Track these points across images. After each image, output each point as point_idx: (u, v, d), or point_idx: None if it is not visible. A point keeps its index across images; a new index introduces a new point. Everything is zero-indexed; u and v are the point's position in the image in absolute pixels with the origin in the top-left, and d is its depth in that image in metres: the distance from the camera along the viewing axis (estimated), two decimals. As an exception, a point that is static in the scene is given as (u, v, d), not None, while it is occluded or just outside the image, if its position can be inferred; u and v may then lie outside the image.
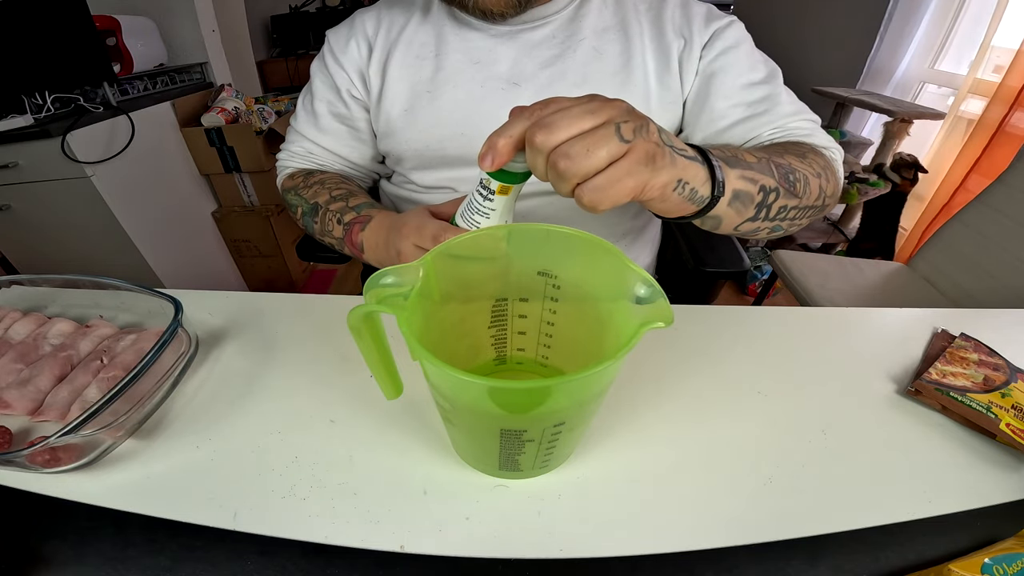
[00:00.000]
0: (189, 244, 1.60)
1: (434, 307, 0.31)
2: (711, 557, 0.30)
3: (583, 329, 0.34)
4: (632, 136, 0.28)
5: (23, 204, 1.25)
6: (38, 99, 1.16)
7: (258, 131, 1.54)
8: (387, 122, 0.57)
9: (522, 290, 0.35)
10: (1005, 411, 0.38)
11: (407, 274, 0.28)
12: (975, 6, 1.77)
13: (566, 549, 0.31)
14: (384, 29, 0.58)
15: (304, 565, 0.30)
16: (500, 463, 0.32)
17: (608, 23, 0.54)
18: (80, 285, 0.48)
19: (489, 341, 0.38)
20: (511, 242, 0.33)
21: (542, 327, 0.37)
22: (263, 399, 0.41)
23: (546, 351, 0.38)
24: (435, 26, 0.56)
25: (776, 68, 0.54)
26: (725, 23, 0.54)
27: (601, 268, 0.30)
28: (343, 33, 0.59)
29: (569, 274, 0.33)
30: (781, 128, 0.51)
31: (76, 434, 0.32)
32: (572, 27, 0.54)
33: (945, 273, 1.08)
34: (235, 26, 1.92)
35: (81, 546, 0.31)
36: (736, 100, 0.52)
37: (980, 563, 0.29)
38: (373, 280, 0.27)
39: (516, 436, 0.28)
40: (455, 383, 0.25)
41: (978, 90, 1.67)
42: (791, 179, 0.42)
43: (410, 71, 0.55)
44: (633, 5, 0.55)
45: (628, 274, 0.28)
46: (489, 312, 0.36)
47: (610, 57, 0.53)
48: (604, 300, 0.31)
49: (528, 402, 0.26)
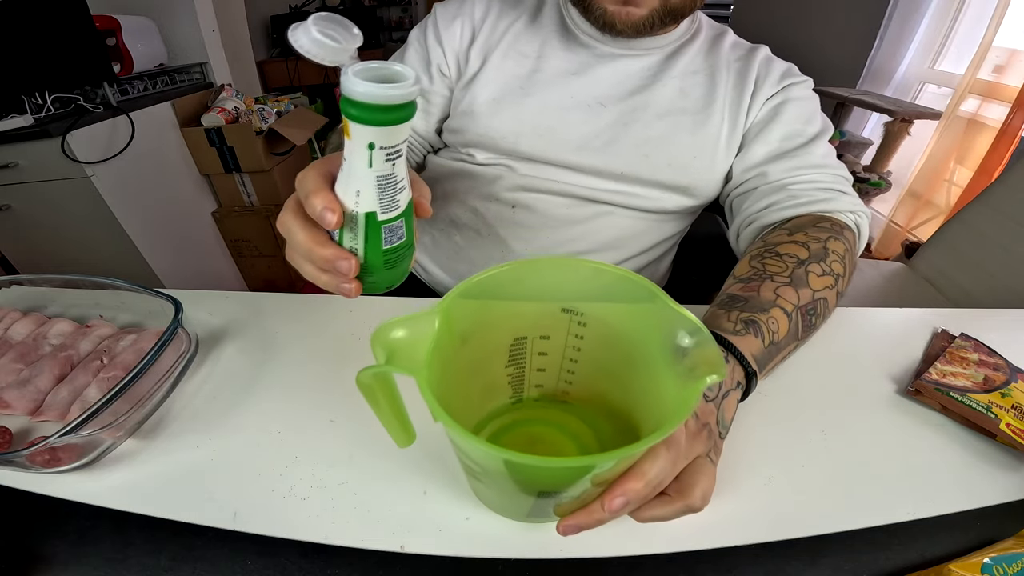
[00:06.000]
0: (189, 244, 1.60)
1: (450, 356, 0.28)
2: (711, 557, 0.30)
3: (610, 362, 0.32)
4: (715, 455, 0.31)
5: (23, 204, 1.25)
6: (38, 99, 1.16)
7: (258, 131, 1.54)
8: (471, 103, 0.58)
9: (543, 328, 0.32)
10: (1005, 411, 0.38)
11: (421, 325, 0.25)
12: (975, 6, 1.77)
13: (566, 549, 0.31)
14: (493, 18, 0.59)
15: (304, 565, 0.30)
16: (530, 514, 0.31)
17: (699, 67, 0.56)
18: (80, 285, 0.48)
19: (506, 380, 0.35)
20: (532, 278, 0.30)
21: (564, 363, 0.34)
22: (263, 399, 0.41)
23: (567, 386, 0.36)
24: (543, 31, 0.58)
25: (828, 130, 0.55)
26: (796, 80, 0.55)
27: (636, 308, 0.28)
28: (452, 11, 0.60)
29: (598, 311, 0.30)
30: (806, 182, 0.51)
31: (76, 434, 0.32)
32: (667, 64, 0.56)
33: (945, 273, 1.08)
34: (235, 26, 1.92)
35: (81, 546, 0.31)
36: (775, 147, 0.54)
37: (980, 563, 0.29)
38: (383, 332, 0.24)
39: (554, 495, 0.27)
40: (492, 458, 0.22)
41: (976, 89, 1.67)
42: (812, 320, 0.41)
43: (510, 63, 0.57)
44: (726, 56, 0.57)
45: (670, 316, 0.25)
46: (507, 352, 0.33)
47: (693, 99, 0.55)
48: (636, 334, 0.29)
49: (574, 477, 0.24)
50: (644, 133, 0.54)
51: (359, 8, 2.94)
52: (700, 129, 0.54)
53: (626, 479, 0.25)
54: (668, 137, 0.54)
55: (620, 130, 0.55)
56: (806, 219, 0.49)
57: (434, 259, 0.68)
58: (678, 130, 0.54)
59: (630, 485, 0.25)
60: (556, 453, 0.34)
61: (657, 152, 0.55)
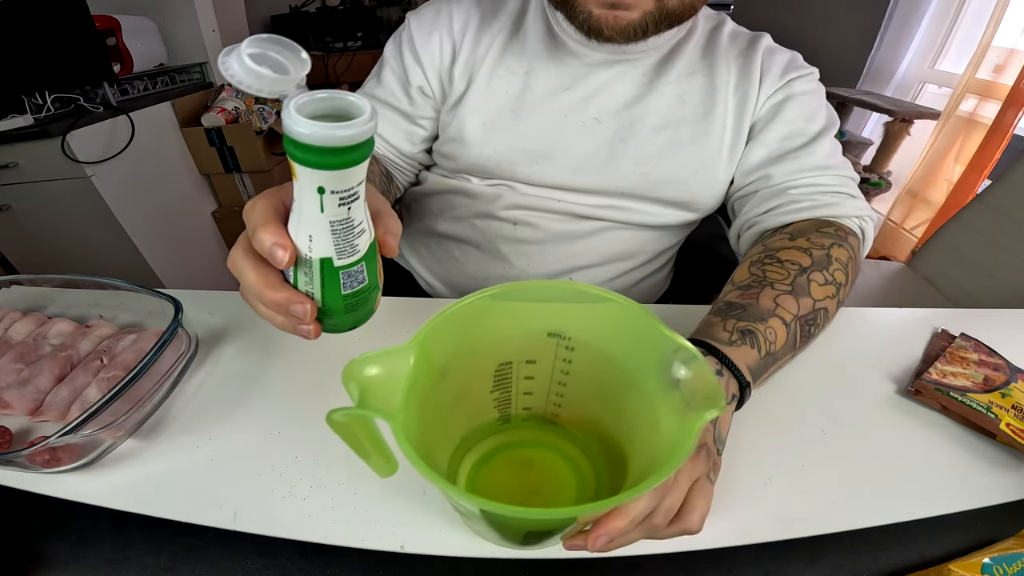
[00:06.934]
0: (189, 244, 1.61)
1: (429, 391, 0.27)
2: (711, 557, 0.30)
3: (601, 388, 0.31)
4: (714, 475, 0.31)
5: (23, 204, 1.25)
6: (38, 99, 1.16)
7: (258, 131, 1.54)
8: (459, 129, 0.54)
9: (529, 353, 0.31)
10: (1005, 411, 0.38)
11: (395, 362, 0.23)
12: (975, 6, 1.77)
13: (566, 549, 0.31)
14: (473, 30, 0.54)
15: (304, 565, 0.30)
16: (521, 544, 0.30)
17: (696, 67, 0.53)
18: (80, 285, 0.48)
19: (492, 404, 0.34)
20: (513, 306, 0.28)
21: (552, 386, 0.33)
22: (263, 399, 0.41)
23: (556, 408, 0.35)
24: (529, 42, 0.53)
25: (833, 124, 0.52)
26: (799, 74, 0.52)
27: (626, 332, 0.27)
28: (427, 23, 0.54)
29: (585, 335, 0.29)
30: (809, 186, 0.49)
31: (76, 434, 0.32)
32: (662, 68, 0.52)
33: (945, 273, 1.08)
34: (235, 26, 1.91)
35: (81, 546, 0.31)
36: (774, 148, 0.51)
37: (980, 563, 0.29)
38: (356, 368, 0.22)
39: (545, 534, 0.27)
40: (474, 505, 0.21)
41: (975, 89, 1.67)
42: (811, 330, 0.40)
43: (498, 82, 0.53)
44: (725, 51, 0.53)
45: (662, 342, 0.24)
46: (492, 377, 0.32)
47: (692, 106, 0.52)
48: (625, 357, 0.28)
49: (560, 526, 0.24)
50: (643, 149, 0.52)
51: (359, 8, 2.94)
52: (700, 139, 0.52)
53: (609, 518, 0.24)
54: (668, 152, 0.52)
55: (618, 147, 0.53)
56: (809, 223, 0.47)
57: (433, 272, 0.66)
58: (678, 143, 0.52)
59: (613, 524, 0.24)
60: (550, 478, 0.33)
61: (657, 169, 0.53)
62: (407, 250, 0.69)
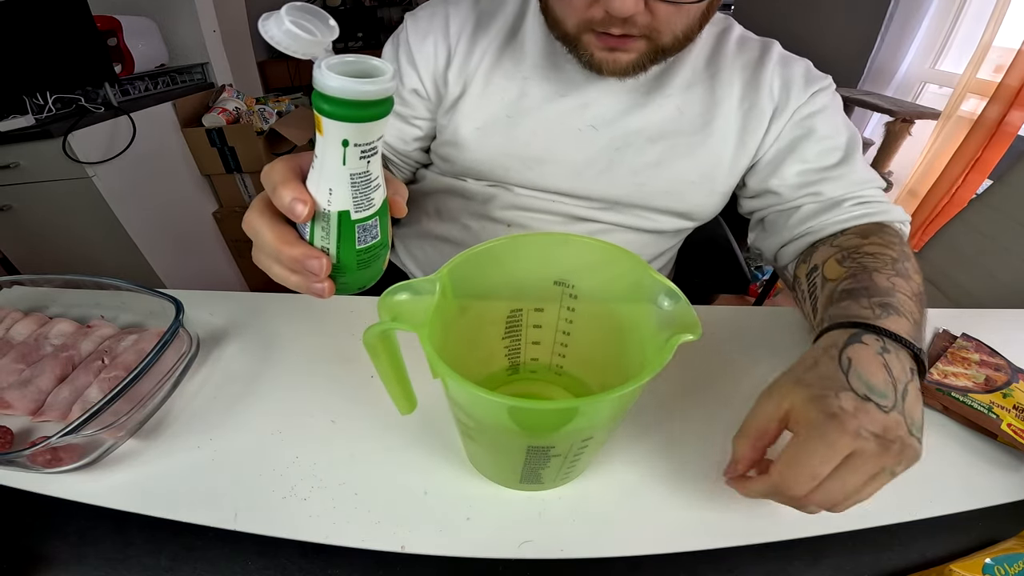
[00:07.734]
0: (190, 244, 1.61)
1: (450, 321, 0.30)
2: (712, 557, 0.30)
3: (601, 336, 0.34)
4: (905, 466, 0.28)
5: (24, 204, 1.25)
6: (39, 99, 1.16)
7: (259, 131, 1.54)
8: (454, 132, 0.54)
9: (537, 300, 0.34)
10: (1006, 411, 0.38)
11: (422, 289, 0.27)
12: (976, 6, 1.77)
13: (566, 549, 0.31)
14: (468, 34, 0.53)
15: (304, 565, 0.30)
16: (522, 477, 0.32)
17: (698, 77, 0.52)
18: (81, 285, 0.48)
19: (502, 352, 0.37)
20: (527, 251, 0.32)
21: (557, 336, 0.36)
22: (264, 399, 0.41)
23: (560, 359, 0.38)
24: (526, 46, 0.53)
25: (855, 132, 0.52)
26: (820, 86, 0.51)
27: (622, 277, 0.30)
28: (423, 26, 0.54)
29: (587, 283, 0.33)
30: (856, 198, 0.49)
31: (77, 434, 0.32)
32: (662, 79, 0.51)
33: (946, 273, 1.08)
34: (236, 26, 1.92)
35: (81, 546, 0.31)
36: (812, 164, 0.50)
37: (981, 563, 0.29)
38: (388, 296, 0.26)
39: (543, 452, 0.28)
40: (484, 404, 0.24)
41: (975, 89, 1.67)
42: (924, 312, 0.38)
43: (493, 88, 0.53)
44: (730, 60, 0.52)
45: (651, 284, 0.27)
46: (503, 323, 0.35)
47: (690, 118, 0.51)
48: (625, 307, 0.31)
49: (561, 421, 0.26)
50: (638, 159, 0.52)
51: (359, 8, 2.94)
52: (698, 150, 0.51)
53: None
54: (664, 163, 0.52)
55: (613, 155, 0.52)
56: (870, 226, 0.47)
57: (426, 273, 0.66)
58: (674, 155, 0.51)
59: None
60: None
61: (653, 180, 0.52)
62: (404, 253, 0.69)
